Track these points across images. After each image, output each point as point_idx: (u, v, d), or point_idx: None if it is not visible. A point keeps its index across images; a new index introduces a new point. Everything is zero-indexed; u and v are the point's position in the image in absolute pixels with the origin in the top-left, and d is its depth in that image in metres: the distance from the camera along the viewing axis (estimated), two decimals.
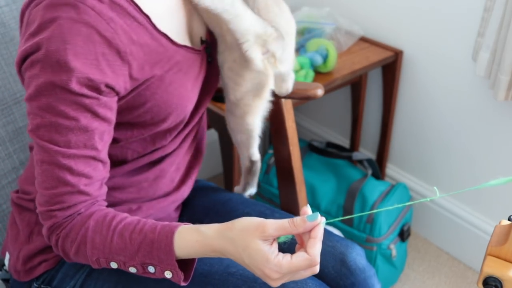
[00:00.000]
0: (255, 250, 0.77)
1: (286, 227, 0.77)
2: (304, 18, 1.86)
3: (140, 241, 0.83)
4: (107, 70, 0.80)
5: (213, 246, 0.81)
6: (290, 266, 0.76)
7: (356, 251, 1.05)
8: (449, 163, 1.89)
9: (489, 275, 0.72)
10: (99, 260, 0.85)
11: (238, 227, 0.79)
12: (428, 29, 1.77)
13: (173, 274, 0.83)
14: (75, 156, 0.82)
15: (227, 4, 0.89)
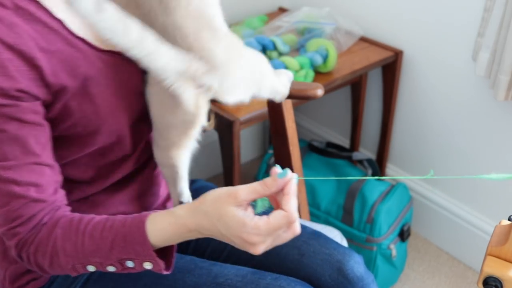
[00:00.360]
0: (230, 217, 0.74)
1: (258, 189, 0.75)
2: (304, 18, 1.86)
3: (112, 238, 0.80)
4: (17, 76, 0.76)
5: (187, 225, 0.78)
6: (268, 227, 0.73)
7: (354, 259, 1.03)
8: (449, 163, 1.89)
9: (489, 275, 0.72)
10: (75, 267, 0.83)
11: (210, 199, 0.76)
12: (428, 29, 1.77)
13: (153, 265, 0.81)
14: (16, 166, 0.78)
15: (133, 40, 0.76)
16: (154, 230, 0.80)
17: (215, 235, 0.78)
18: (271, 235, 0.75)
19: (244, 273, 0.97)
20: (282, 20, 1.89)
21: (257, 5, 2.13)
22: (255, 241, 0.74)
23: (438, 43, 1.76)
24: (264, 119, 1.55)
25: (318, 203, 1.84)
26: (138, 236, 0.79)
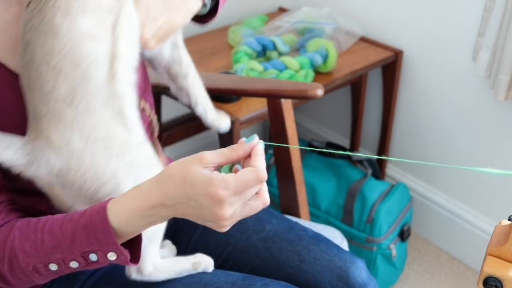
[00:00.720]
0: (196, 175, 0.68)
1: (225, 152, 0.71)
2: (304, 18, 1.86)
3: (72, 230, 0.75)
4: None
5: (150, 198, 0.72)
6: (236, 180, 0.68)
7: (355, 265, 1.01)
8: (449, 163, 1.89)
9: (489, 275, 0.72)
10: (36, 268, 0.76)
11: (174, 164, 0.71)
12: (428, 29, 1.77)
13: (117, 255, 0.75)
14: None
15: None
16: (116, 212, 0.74)
17: (180, 200, 0.70)
18: (240, 193, 0.69)
19: (234, 280, 0.96)
20: (282, 20, 1.89)
21: (257, 5, 2.13)
22: (222, 195, 0.67)
23: (438, 43, 1.76)
24: (264, 119, 1.55)
25: (318, 203, 1.85)
26: (100, 223, 0.73)
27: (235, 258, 1.08)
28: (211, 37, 1.94)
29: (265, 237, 1.07)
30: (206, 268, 0.98)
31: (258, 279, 0.97)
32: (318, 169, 1.90)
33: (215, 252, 1.09)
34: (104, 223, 0.73)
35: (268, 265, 1.04)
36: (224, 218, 0.70)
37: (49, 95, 0.78)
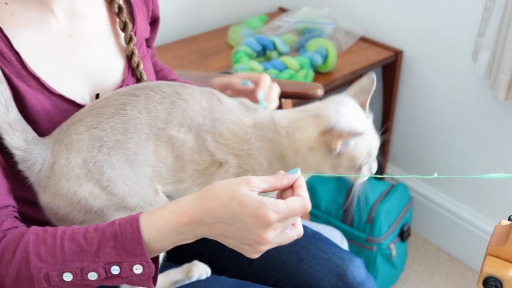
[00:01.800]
0: (245, 196, 0.68)
1: (270, 180, 0.72)
2: (304, 18, 1.86)
3: (99, 239, 0.71)
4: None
5: (190, 213, 0.70)
6: (286, 206, 0.69)
7: (354, 264, 1.02)
8: (449, 163, 1.89)
9: (489, 275, 0.72)
10: (48, 276, 0.71)
11: (219, 184, 0.71)
12: (428, 29, 1.77)
13: (143, 268, 0.72)
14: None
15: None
16: (150, 223, 0.72)
17: (223, 219, 0.69)
18: (285, 220, 0.70)
19: (228, 287, 0.96)
20: (282, 20, 1.89)
21: (257, 5, 2.13)
22: (272, 218, 0.68)
23: (438, 43, 1.76)
24: None
25: (318, 203, 1.84)
26: (131, 233, 0.71)
27: (235, 260, 1.08)
28: (211, 37, 1.94)
29: None
30: (200, 276, 0.98)
31: (252, 286, 0.97)
32: None
33: (215, 254, 1.09)
34: (136, 233, 0.71)
35: (268, 266, 1.04)
36: (266, 242, 0.70)
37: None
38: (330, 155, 0.85)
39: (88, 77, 0.90)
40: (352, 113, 0.90)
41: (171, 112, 0.83)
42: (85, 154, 0.80)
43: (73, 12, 0.87)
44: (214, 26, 2.01)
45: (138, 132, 0.81)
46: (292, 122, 0.87)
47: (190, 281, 0.98)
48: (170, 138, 0.82)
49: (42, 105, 0.83)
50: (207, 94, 0.87)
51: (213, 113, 0.85)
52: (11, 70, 0.79)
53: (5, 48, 0.78)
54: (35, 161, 0.80)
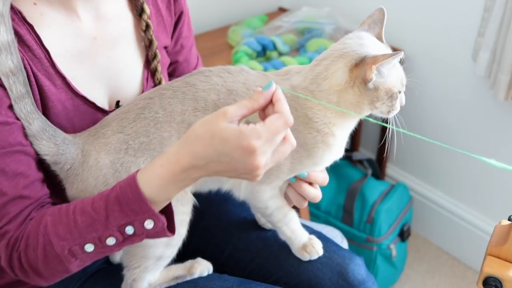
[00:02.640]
0: (225, 130, 0.68)
1: (246, 103, 0.71)
2: (304, 18, 1.86)
3: (105, 206, 0.75)
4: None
5: (180, 162, 0.71)
6: (266, 128, 0.68)
7: (354, 262, 1.03)
8: (449, 163, 1.89)
9: (489, 275, 0.72)
10: (72, 251, 0.76)
11: (197, 124, 0.71)
12: (428, 29, 1.77)
13: (154, 221, 0.75)
14: (4, 154, 0.76)
15: None
16: (146, 179, 0.74)
17: (211, 158, 0.70)
18: (271, 140, 0.69)
19: (230, 285, 0.96)
20: (282, 20, 1.89)
21: (257, 5, 2.13)
22: (255, 145, 0.68)
23: (438, 43, 1.76)
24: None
25: (318, 203, 1.84)
26: (132, 193, 0.74)
27: (237, 257, 1.08)
28: (211, 37, 1.94)
29: (265, 236, 1.07)
30: (202, 273, 0.99)
31: (254, 284, 0.97)
32: None
33: (216, 251, 1.09)
34: (136, 192, 0.73)
35: (269, 264, 1.04)
36: (259, 168, 0.70)
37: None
38: (365, 90, 0.83)
39: (107, 82, 0.92)
40: (374, 43, 0.87)
41: (184, 101, 0.84)
42: (113, 156, 0.83)
43: (97, 15, 0.89)
44: (214, 26, 2.01)
45: (159, 131, 0.83)
46: (315, 77, 0.83)
47: (191, 277, 0.99)
48: (190, 125, 0.82)
49: (63, 105, 0.85)
50: (217, 71, 0.87)
51: (226, 85, 0.84)
52: (39, 67, 0.81)
53: (35, 45, 0.80)
54: (66, 160, 0.84)
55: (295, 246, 1.01)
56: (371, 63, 0.79)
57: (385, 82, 0.84)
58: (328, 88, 0.82)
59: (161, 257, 0.92)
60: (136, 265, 0.92)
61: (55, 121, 0.85)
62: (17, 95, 0.78)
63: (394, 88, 0.86)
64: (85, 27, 0.87)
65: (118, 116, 0.86)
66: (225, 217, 1.12)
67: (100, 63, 0.90)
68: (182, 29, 1.06)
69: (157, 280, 0.97)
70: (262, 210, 0.95)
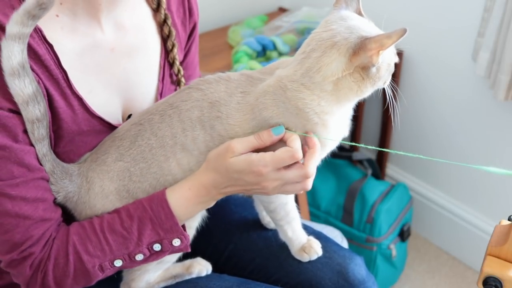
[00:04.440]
0: (235, 164, 0.80)
1: (253, 141, 0.81)
2: (304, 18, 1.86)
3: (137, 225, 0.83)
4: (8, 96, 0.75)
5: (204, 184, 0.83)
6: (272, 157, 0.79)
7: (354, 262, 1.03)
8: (448, 163, 1.89)
9: (489, 275, 0.72)
10: (101, 266, 0.83)
11: (212, 157, 0.83)
12: (428, 29, 1.77)
13: (181, 240, 0.84)
14: (24, 182, 0.77)
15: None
16: (176, 201, 0.83)
17: (231, 183, 0.83)
18: (276, 169, 0.80)
19: (229, 285, 0.97)
20: (282, 20, 1.89)
21: (257, 5, 2.13)
22: (261, 171, 0.79)
23: (438, 43, 1.76)
24: None
25: (318, 203, 1.84)
26: (165, 214, 0.83)
27: (237, 257, 1.08)
28: (211, 37, 1.94)
29: (266, 236, 1.07)
30: (200, 273, 1.00)
31: (254, 284, 0.98)
32: (318, 169, 1.89)
33: (217, 251, 1.09)
34: (169, 214, 0.83)
35: (269, 263, 1.04)
36: (268, 188, 0.82)
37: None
38: (368, 74, 0.79)
39: (122, 93, 0.92)
40: (361, 22, 0.82)
41: (171, 124, 0.85)
42: (117, 183, 0.87)
43: (117, 25, 0.88)
44: (214, 26, 2.01)
45: (156, 157, 0.86)
46: (307, 71, 0.79)
47: (190, 276, 0.99)
48: (183, 146, 0.85)
49: (78, 126, 0.85)
50: (195, 84, 0.87)
51: (206, 97, 0.84)
52: (56, 87, 0.81)
53: (54, 65, 0.80)
54: (74, 193, 0.86)
55: (294, 247, 1.01)
56: (376, 48, 0.75)
57: (384, 61, 0.80)
58: (322, 80, 0.79)
59: (162, 261, 0.94)
60: (137, 268, 0.94)
61: (69, 139, 0.85)
62: (38, 138, 0.79)
63: (391, 62, 0.83)
64: (104, 38, 0.87)
65: (115, 143, 0.87)
66: (226, 217, 1.12)
67: (117, 74, 0.90)
68: (192, 45, 1.06)
69: (155, 279, 0.97)
70: (266, 204, 0.95)
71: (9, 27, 0.72)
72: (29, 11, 0.72)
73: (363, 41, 0.76)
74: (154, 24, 0.95)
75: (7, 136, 0.75)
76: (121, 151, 0.86)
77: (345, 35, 0.78)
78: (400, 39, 0.74)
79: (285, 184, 0.82)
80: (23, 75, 0.74)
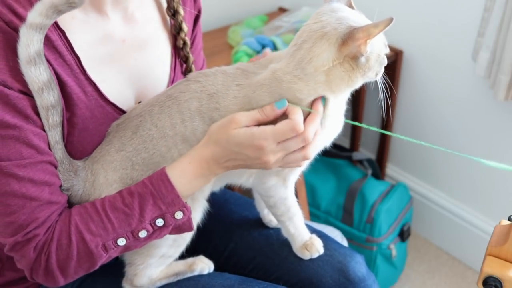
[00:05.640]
0: (237, 136, 0.81)
1: (257, 115, 0.81)
2: (304, 18, 1.86)
3: (138, 201, 0.82)
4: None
5: (204, 157, 0.84)
6: (272, 129, 0.80)
7: (355, 260, 1.03)
8: (449, 163, 1.89)
9: (489, 275, 0.72)
10: (105, 246, 0.82)
11: (214, 129, 0.83)
12: (428, 29, 1.77)
13: (183, 212, 0.84)
14: (32, 164, 0.78)
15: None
16: (177, 175, 0.83)
17: (230, 156, 0.83)
18: (277, 141, 0.80)
19: (231, 283, 0.97)
20: (282, 20, 1.89)
21: (257, 5, 2.13)
22: (262, 144, 0.80)
23: (438, 43, 1.76)
24: None
25: (318, 203, 1.84)
26: (165, 188, 0.82)
27: (238, 255, 1.08)
28: (211, 37, 1.94)
29: (267, 234, 1.07)
30: (202, 270, 1.00)
31: (255, 283, 0.98)
32: (318, 169, 1.90)
33: (217, 249, 1.10)
34: (169, 187, 0.83)
35: (270, 262, 1.05)
36: (268, 162, 0.83)
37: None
38: (357, 64, 0.80)
39: (134, 83, 0.93)
40: (351, 14, 0.83)
41: (171, 115, 0.86)
42: (120, 172, 0.87)
43: (126, 17, 0.89)
44: (214, 26, 2.01)
45: (157, 147, 0.86)
46: (299, 62, 0.80)
47: (192, 274, 1.00)
48: (183, 136, 0.86)
49: (92, 112, 0.85)
50: (194, 77, 0.88)
51: (205, 89, 0.85)
52: (69, 73, 0.81)
53: (66, 51, 0.80)
54: (79, 187, 0.87)
55: (297, 244, 1.01)
56: (363, 37, 0.77)
57: (373, 51, 0.81)
58: (314, 71, 0.80)
59: (164, 255, 0.94)
60: (140, 263, 0.94)
61: (83, 127, 0.85)
62: (52, 124, 0.79)
63: (381, 52, 0.84)
64: (114, 30, 0.87)
65: (118, 133, 0.88)
66: (227, 216, 1.13)
67: (128, 65, 0.91)
68: (197, 32, 1.08)
69: (157, 275, 0.98)
70: (265, 199, 0.96)
71: (32, 17, 0.73)
72: (56, 6, 0.73)
73: (351, 31, 0.78)
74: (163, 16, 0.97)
75: (18, 116, 0.76)
76: (123, 141, 0.87)
77: (334, 25, 0.80)
78: (386, 28, 0.76)
79: (286, 155, 0.83)
80: (39, 62, 0.75)
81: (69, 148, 0.86)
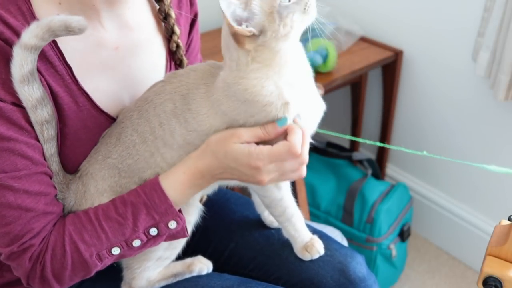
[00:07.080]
0: (235, 151, 0.80)
1: (259, 132, 0.81)
2: None
3: (132, 211, 0.82)
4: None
5: (199, 169, 0.83)
6: (269, 151, 0.80)
7: (355, 260, 1.03)
8: (449, 163, 1.89)
9: (489, 275, 0.72)
10: (99, 255, 0.82)
11: (214, 140, 0.82)
12: (428, 29, 1.77)
13: (177, 222, 0.84)
14: (27, 176, 0.78)
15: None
16: (170, 184, 0.83)
17: (226, 172, 0.83)
18: (273, 162, 0.80)
19: (230, 284, 0.97)
20: None
21: None
22: (258, 165, 0.80)
23: (438, 43, 1.76)
24: None
25: (318, 203, 1.84)
26: (158, 197, 0.82)
27: (238, 255, 1.08)
28: (211, 37, 1.94)
29: (268, 234, 1.07)
30: (201, 271, 1.00)
31: (254, 283, 0.98)
32: (318, 169, 1.90)
33: (218, 249, 1.09)
34: (162, 196, 0.82)
35: (271, 262, 1.05)
36: (263, 181, 0.83)
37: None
38: (264, 40, 0.78)
39: (127, 90, 0.92)
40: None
41: (149, 119, 0.86)
42: (109, 180, 0.87)
43: (120, 24, 0.88)
44: (214, 26, 2.01)
45: (140, 152, 0.86)
46: (234, 63, 0.81)
47: (190, 275, 1.00)
48: (164, 141, 0.85)
49: (84, 123, 0.85)
50: (167, 78, 0.88)
51: (178, 90, 0.85)
52: (61, 84, 0.81)
53: (58, 61, 0.80)
54: (70, 199, 0.87)
55: (297, 245, 1.01)
56: (229, 25, 0.76)
57: (254, 17, 0.77)
58: (245, 64, 0.79)
59: (161, 257, 0.94)
60: (137, 266, 0.94)
61: (77, 137, 0.85)
62: (47, 138, 0.80)
63: (269, 7, 0.79)
64: (108, 37, 0.87)
65: (105, 140, 0.88)
66: (227, 216, 1.12)
67: (122, 72, 0.90)
68: (194, 35, 1.07)
69: (156, 277, 0.98)
70: (261, 198, 0.96)
71: (27, 38, 0.73)
72: (54, 30, 0.73)
73: (228, 23, 0.77)
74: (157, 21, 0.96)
75: (12, 127, 0.76)
76: (109, 148, 0.87)
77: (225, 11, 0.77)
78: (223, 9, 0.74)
79: (281, 175, 0.83)
80: (32, 81, 0.75)
81: (62, 158, 0.85)
